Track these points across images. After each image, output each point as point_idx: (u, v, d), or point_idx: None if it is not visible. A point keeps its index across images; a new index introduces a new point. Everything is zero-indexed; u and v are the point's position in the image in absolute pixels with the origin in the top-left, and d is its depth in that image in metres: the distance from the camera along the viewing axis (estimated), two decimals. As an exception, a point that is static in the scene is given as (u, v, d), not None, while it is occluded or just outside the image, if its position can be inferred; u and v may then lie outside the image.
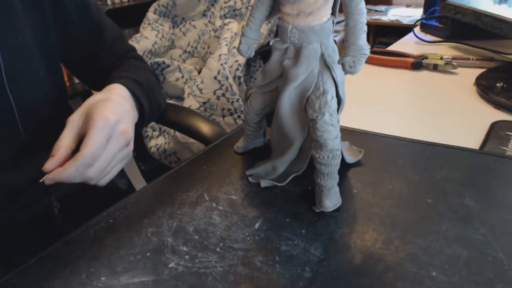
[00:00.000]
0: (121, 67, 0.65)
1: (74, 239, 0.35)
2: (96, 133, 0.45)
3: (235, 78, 1.26)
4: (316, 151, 0.35)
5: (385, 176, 0.40)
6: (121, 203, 0.39)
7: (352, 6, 0.31)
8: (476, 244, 0.31)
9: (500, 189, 0.37)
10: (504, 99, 0.58)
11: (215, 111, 1.26)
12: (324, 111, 0.35)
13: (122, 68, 0.64)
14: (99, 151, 0.46)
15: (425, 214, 0.35)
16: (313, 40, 0.35)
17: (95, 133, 0.45)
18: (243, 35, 0.38)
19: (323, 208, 0.36)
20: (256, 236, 0.34)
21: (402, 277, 0.29)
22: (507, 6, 0.69)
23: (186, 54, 1.51)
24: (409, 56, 0.80)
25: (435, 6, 1.03)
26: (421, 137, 0.47)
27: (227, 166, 0.44)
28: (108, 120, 0.47)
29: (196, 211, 0.37)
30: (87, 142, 0.45)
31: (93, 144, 0.45)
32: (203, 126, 0.69)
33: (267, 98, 0.41)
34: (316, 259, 0.31)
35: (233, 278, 0.30)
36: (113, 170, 0.50)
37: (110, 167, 0.49)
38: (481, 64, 0.77)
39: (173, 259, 0.32)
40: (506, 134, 0.50)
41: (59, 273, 0.32)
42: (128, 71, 0.61)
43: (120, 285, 0.30)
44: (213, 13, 1.48)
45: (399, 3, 3.13)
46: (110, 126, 0.47)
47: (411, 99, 0.67)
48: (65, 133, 0.46)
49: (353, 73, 0.33)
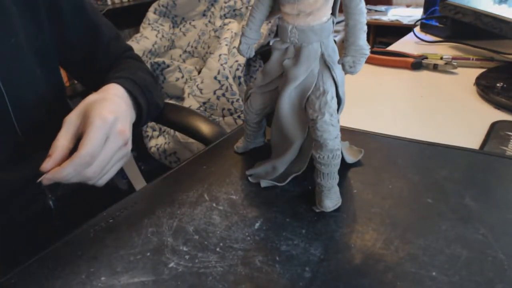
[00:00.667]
0: (117, 67, 0.65)
1: (74, 239, 0.35)
2: (94, 132, 0.45)
3: (235, 78, 1.26)
4: (316, 151, 0.35)
5: (385, 176, 0.40)
6: (121, 203, 0.39)
7: (352, 6, 0.31)
8: (476, 244, 0.31)
9: (500, 189, 0.37)
10: (504, 99, 0.58)
11: (215, 111, 1.26)
12: (324, 111, 0.35)
13: (118, 68, 0.64)
14: (98, 150, 0.45)
15: (425, 214, 0.35)
16: (313, 40, 0.35)
17: (93, 132, 0.45)
18: (243, 35, 0.38)
19: (323, 208, 0.36)
20: (256, 236, 0.34)
21: (402, 277, 0.29)
22: (507, 6, 0.69)
23: (186, 54, 1.51)
24: (409, 56, 0.80)
25: (435, 6, 1.03)
26: (421, 137, 0.47)
27: (227, 166, 0.44)
28: (106, 119, 0.46)
29: (196, 211, 0.37)
30: (85, 141, 0.44)
31: (91, 143, 0.44)
32: (203, 126, 0.69)
33: (267, 98, 0.41)
34: (316, 259, 0.31)
35: (233, 278, 0.30)
36: (111, 169, 0.50)
37: (109, 167, 0.49)
38: (481, 64, 0.77)
39: (173, 259, 0.32)
40: (506, 134, 0.50)
41: (59, 273, 0.32)
42: (124, 71, 0.61)
43: (120, 285, 0.30)
44: (213, 13, 1.49)
45: (399, 3, 3.13)
46: (108, 125, 0.47)
47: (411, 99, 0.67)
48: (62, 133, 0.46)
49: (353, 73, 0.33)
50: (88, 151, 0.44)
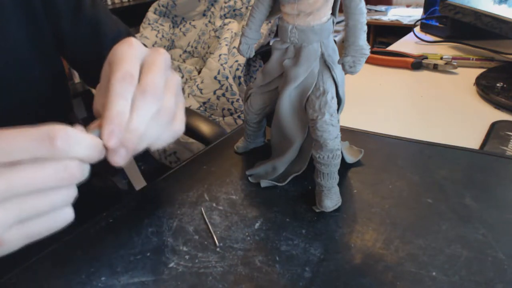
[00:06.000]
0: None
1: (74, 239, 0.35)
2: (159, 69, 0.31)
3: (235, 78, 1.26)
4: (316, 151, 0.35)
5: (385, 176, 0.40)
6: (121, 203, 0.39)
7: (352, 6, 0.31)
8: (476, 244, 0.31)
9: (500, 189, 0.37)
10: (504, 99, 0.58)
11: (215, 111, 1.26)
12: (324, 111, 0.35)
13: None
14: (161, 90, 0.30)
15: (425, 214, 0.35)
16: (313, 40, 0.35)
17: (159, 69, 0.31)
18: (243, 35, 0.38)
19: (323, 208, 0.36)
20: (256, 236, 0.34)
21: (402, 277, 0.29)
22: (507, 6, 0.69)
23: (186, 54, 1.51)
24: (409, 56, 0.80)
25: (435, 6, 1.03)
26: (421, 137, 0.47)
27: (227, 166, 0.44)
28: None
29: (196, 211, 0.37)
30: (148, 72, 0.30)
31: (157, 75, 0.30)
32: (203, 126, 0.69)
33: (267, 98, 0.41)
34: (316, 259, 0.31)
35: (233, 278, 0.30)
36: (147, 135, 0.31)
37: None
38: (481, 64, 0.77)
39: (173, 259, 0.32)
40: (506, 134, 0.50)
41: (59, 273, 0.32)
42: None
43: (120, 285, 0.30)
44: (213, 13, 1.48)
45: (399, 3, 3.13)
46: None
47: (411, 99, 0.67)
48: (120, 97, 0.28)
49: (353, 73, 0.33)
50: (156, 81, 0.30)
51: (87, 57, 0.65)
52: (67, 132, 0.24)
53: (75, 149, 0.25)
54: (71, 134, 0.24)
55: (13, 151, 0.23)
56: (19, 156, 0.23)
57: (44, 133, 0.24)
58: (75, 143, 0.25)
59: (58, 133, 0.24)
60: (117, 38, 0.64)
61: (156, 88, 0.29)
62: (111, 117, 0.27)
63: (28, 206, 0.24)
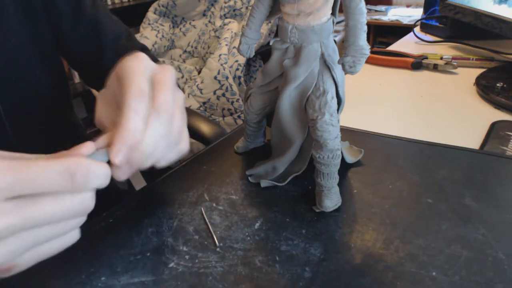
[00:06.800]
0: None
1: (74, 239, 0.35)
2: (168, 91, 0.31)
3: (235, 78, 1.26)
4: (316, 151, 0.35)
5: (385, 176, 0.40)
6: (121, 203, 0.39)
7: (352, 6, 0.31)
8: (476, 244, 0.31)
9: (500, 189, 0.37)
10: (504, 99, 0.58)
11: (215, 111, 1.26)
12: (324, 111, 0.35)
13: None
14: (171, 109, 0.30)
15: (425, 214, 0.35)
16: (313, 40, 0.35)
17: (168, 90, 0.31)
18: (243, 35, 0.38)
19: (323, 208, 0.36)
20: (256, 236, 0.34)
21: (402, 277, 0.29)
22: (507, 6, 0.69)
23: (186, 54, 1.51)
24: (409, 56, 0.80)
25: (435, 6, 1.03)
26: (421, 137, 0.47)
27: (227, 166, 0.44)
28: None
29: (196, 211, 0.37)
30: (161, 91, 0.30)
31: (167, 96, 0.30)
32: (203, 126, 0.69)
33: (267, 98, 0.41)
34: (316, 259, 0.31)
35: (233, 278, 0.30)
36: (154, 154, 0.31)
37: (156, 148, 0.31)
38: (481, 64, 0.77)
39: (173, 259, 0.32)
40: (506, 134, 0.50)
41: (59, 273, 0.32)
42: None
43: (120, 285, 0.30)
44: (213, 13, 1.48)
45: (399, 3, 3.13)
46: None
47: (411, 99, 0.67)
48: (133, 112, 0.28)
49: (353, 73, 0.33)
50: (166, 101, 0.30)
51: (87, 57, 0.65)
52: (88, 167, 0.25)
53: (93, 182, 0.25)
54: (91, 169, 0.25)
55: (38, 185, 0.23)
56: (42, 190, 0.24)
57: (66, 168, 0.24)
58: (94, 177, 0.25)
59: (79, 169, 0.24)
60: (117, 38, 0.64)
61: (169, 109, 0.30)
62: (125, 135, 0.27)
63: (42, 235, 0.25)
